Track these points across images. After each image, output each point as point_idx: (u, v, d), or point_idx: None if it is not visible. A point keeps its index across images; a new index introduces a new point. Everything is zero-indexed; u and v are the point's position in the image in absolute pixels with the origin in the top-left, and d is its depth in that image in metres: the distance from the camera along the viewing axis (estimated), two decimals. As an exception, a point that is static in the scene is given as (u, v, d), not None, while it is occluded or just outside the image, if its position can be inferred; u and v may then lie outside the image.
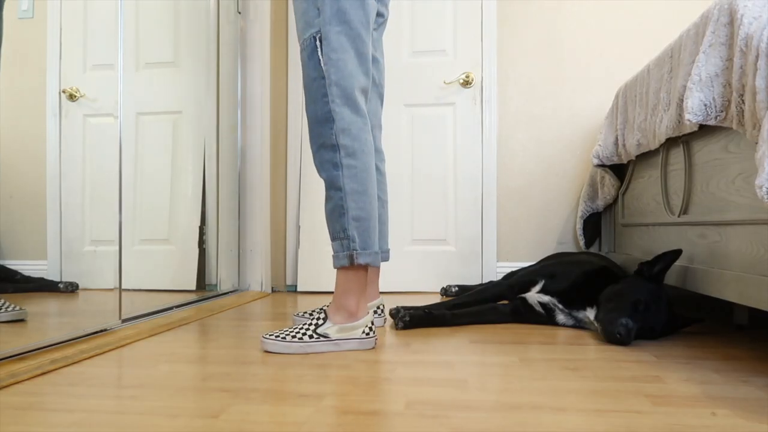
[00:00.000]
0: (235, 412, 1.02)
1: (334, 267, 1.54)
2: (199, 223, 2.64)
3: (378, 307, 1.86)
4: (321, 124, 1.52)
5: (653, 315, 1.63)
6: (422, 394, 1.12)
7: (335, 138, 1.51)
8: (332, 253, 1.55)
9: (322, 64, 1.50)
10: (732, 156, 1.48)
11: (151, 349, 1.54)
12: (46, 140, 1.95)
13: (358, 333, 1.53)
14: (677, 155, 1.84)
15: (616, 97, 2.33)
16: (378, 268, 1.76)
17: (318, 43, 1.50)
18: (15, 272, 1.85)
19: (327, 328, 1.52)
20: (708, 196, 1.62)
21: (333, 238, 1.54)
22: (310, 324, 1.52)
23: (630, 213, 2.38)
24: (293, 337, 1.49)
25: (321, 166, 1.54)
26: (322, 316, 1.53)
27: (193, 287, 2.57)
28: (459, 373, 1.29)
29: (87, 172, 2.03)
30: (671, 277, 1.76)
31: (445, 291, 2.68)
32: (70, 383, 1.20)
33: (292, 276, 2.99)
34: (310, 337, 1.50)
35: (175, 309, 2.19)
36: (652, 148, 1.94)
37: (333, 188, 1.52)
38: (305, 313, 1.88)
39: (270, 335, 1.51)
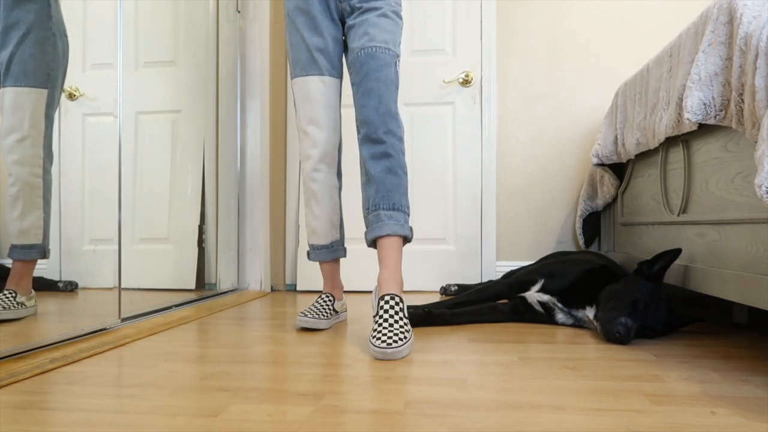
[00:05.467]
0: (234, 411, 1.02)
1: (395, 233, 1.66)
2: (198, 222, 2.64)
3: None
4: (395, 118, 1.72)
5: (653, 314, 1.63)
6: (422, 393, 1.12)
7: (402, 134, 1.74)
8: (391, 221, 1.66)
9: (398, 79, 1.76)
10: (731, 155, 1.48)
11: (151, 348, 1.53)
12: (45, 139, 1.94)
13: None
14: (677, 154, 1.84)
15: (616, 96, 2.33)
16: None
17: (398, 61, 1.76)
18: (14, 271, 1.84)
19: (405, 308, 1.61)
20: (707, 195, 1.62)
21: (395, 209, 1.68)
22: (398, 316, 1.54)
23: (629, 212, 2.38)
24: (406, 334, 1.49)
25: (393, 149, 1.70)
26: (398, 300, 1.59)
27: (193, 286, 2.57)
28: (458, 372, 1.29)
29: (86, 171, 2.03)
30: (671, 276, 1.76)
31: (444, 290, 2.68)
32: (69, 382, 1.20)
33: (291, 275, 2.99)
34: (407, 327, 1.55)
35: (174, 308, 2.19)
36: (652, 147, 1.94)
37: (402, 170, 1.71)
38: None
39: (395, 344, 1.43)
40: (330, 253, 1.89)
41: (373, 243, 1.71)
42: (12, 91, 1.62)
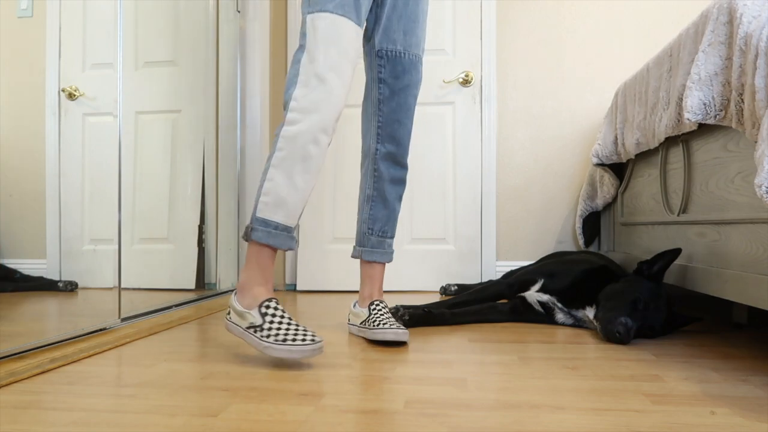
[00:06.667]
0: (234, 411, 1.02)
1: (388, 262, 1.79)
2: (198, 222, 2.64)
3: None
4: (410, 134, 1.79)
5: (652, 314, 1.63)
6: (421, 393, 1.12)
7: None
8: (390, 250, 1.79)
9: None
10: (731, 155, 1.48)
11: (151, 348, 1.54)
12: (45, 139, 1.94)
13: None
14: (676, 154, 1.84)
15: (616, 95, 2.33)
16: None
17: None
18: (14, 271, 1.84)
19: None
20: (707, 195, 1.62)
21: (393, 236, 1.79)
22: (387, 315, 1.65)
23: (629, 212, 2.38)
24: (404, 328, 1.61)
25: (407, 176, 1.79)
26: (386, 304, 1.71)
27: (193, 286, 2.57)
28: (458, 372, 1.29)
29: (86, 171, 2.03)
30: (670, 276, 1.76)
31: (444, 290, 2.68)
32: (69, 382, 1.20)
33: (291, 275, 2.99)
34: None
35: (174, 308, 2.19)
36: (652, 147, 1.95)
37: (403, 196, 1.81)
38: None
39: (401, 329, 1.56)
40: (288, 240, 1.43)
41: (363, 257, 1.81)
42: None
